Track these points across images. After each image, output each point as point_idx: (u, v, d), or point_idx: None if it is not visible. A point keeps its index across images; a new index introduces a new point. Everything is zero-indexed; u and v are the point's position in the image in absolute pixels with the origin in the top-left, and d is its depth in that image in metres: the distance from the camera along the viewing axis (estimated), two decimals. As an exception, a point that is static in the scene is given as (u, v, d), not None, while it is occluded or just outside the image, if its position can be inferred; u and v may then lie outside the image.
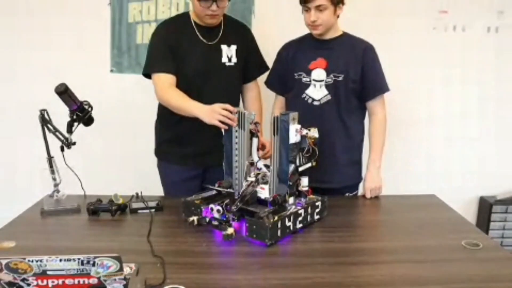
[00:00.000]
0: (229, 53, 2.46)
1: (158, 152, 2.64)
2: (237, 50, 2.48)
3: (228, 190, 2.02)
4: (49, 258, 1.27)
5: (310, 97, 2.51)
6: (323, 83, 2.47)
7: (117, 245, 1.82)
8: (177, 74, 2.38)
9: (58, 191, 2.20)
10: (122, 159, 3.43)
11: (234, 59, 2.48)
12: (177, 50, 2.38)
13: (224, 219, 1.90)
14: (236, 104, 2.46)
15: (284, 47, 2.66)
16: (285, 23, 3.17)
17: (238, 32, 2.52)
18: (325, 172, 2.44)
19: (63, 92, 2.08)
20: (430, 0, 3.35)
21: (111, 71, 3.38)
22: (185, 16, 2.50)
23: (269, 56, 2.69)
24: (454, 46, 3.41)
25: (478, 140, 3.57)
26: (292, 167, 1.98)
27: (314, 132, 2.02)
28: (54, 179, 2.18)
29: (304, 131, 2.00)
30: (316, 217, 2.07)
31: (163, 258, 1.68)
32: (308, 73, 2.50)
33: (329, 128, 2.46)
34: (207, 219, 1.92)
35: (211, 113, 2.07)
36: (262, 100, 2.68)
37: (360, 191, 2.61)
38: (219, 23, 2.46)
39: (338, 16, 2.47)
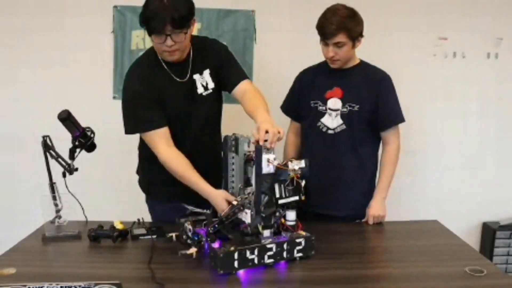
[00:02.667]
0: (203, 82, 2.29)
1: (146, 189, 2.49)
2: (210, 73, 2.30)
3: (204, 211, 1.96)
4: (50, 285, 1.26)
5: (325, 125, 2.51)
6: (338, 112, 2.47)
7: (118, 272, 1.80)
8: (164, 121, 2.22)
9: (59, 217, 2.18)
10: (123, 186, 3.17)
11: (210, 85, 2.31)
12: (154, 95, 2.20)
13: (196, 238, 1.87)
14: (217, 121, 2.40)
15: (301, 74, 2.66)
16: (287, 49, 3.24)
17: (207, 53, 2.29)
18: (336, 201, 2.47)
19: (66, 118, 2.09)
20: (430, 27, 3.39)
21: (114, 97, 3.39)
22: (151, 55, 2.27)
23: (272, 80, 2.71)
24: (454, 72, 3.45)
25: (480, 166, 3.58)
26: (266, 198, 1.90)
27: (297, 164, 1.92)
28: (56, 205, 2.17)
29: (276, 162, 1.88)
30: (298, 254, 1.91)
31: (164, 286, 1.67)
32: (324, 101, 2.50)
33: (343, 158, 2.48)
34: (184, 237, 1.89)
35: (220, 207, 2.03)
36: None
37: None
38: (187, 53, 2.25)
39: (356, 47, 2.47)
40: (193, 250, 1.84)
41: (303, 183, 1.93)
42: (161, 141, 2.18)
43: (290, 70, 2.70)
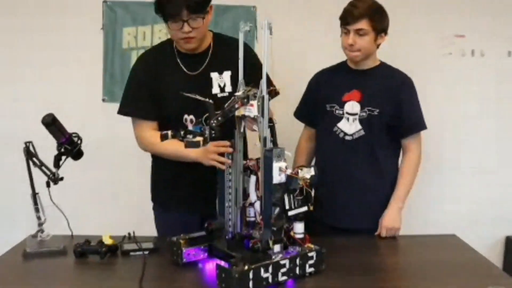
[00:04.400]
0: (221, 82, 2.31)
1: (154, 196, 2.54)
2: (232, 77, 2.31)
3: (206, 100, 1.88)
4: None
5: (342, 131, 2.51)
6: (356, 117, 2.48)
7: (107, 291, 1.78)
8: (159, 115, 2.31)
9: (42, 231, 2.16)
10: (113, 196, 3.40)
11: (228, 88, 2.31)
12: (158, 87, 2.30)
13: (199, 131, 1.83)
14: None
15: (316, 76, 2.67)
16: (291, 48, 3.23)
17: (232, 54, 2.17)
18: (353, 212, 2.48)
19: (51, 123, 2.08)
20: (446, 24, 3.39)
21: (103, 100, 3.38)
22: (167, 43, 2.38)
23: (275, 82, 2.64)
24: (472, 72, 3.44)
25: (502, 172, 3.55)
26: (276, 210, 1.88)
27: (307, 172, 1.91)
28: (39, 217, 2.14)
29: (289, 170, 1.88)
30: (310, 270, 1.90)
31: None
32: (341, 105, 2.51)
33: (361, 165, 2.49)
34: (182, 132, 1.83)
35: (205, 154, 2.07)
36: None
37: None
38: (207, 46, 2.33)
39: (378, 46, 2.49)
40: (199, 138, 1.79)
41: (313, 192, 1.92)
42: (147, 130, 2.29)
43: (294, 71, 2.75)
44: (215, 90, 2.30)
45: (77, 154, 2.17)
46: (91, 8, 3.32)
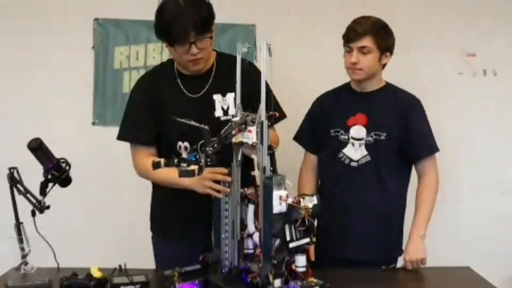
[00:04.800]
0: (224, 104, 2.30)
1: (153, 225, 2.54)
2: (236, 99, 2.20)
3: (202, 126, 1.87)
4: None
5: (347, 157, 2.51)
6: (362, 141, 2.49)
7: (95, 328, 1.73)
8: (160, 141, 2.32)
9: (26, 263, 2.13)
10: (103, 226, 3.38)
11: (232, 111, 2.28)
12: (158, 110, 2.31)
13: (194, 159, 1.81)
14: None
15: (318, 99, 2.67)
16: (291, 68, 3.25)
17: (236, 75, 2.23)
18: (360, 242, 2.48)
19: (37, 148, 2.07)
20: (455, 42, 3.40)
21: (93, 123, 3.38)
22: (168, 65, 2.39)
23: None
24: (485, 92, 3.43)
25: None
26: (277, 242, 1.85)
27: (309, 201, 1.89)
28: (22, 249, 2.12)
29: (290, 200, 1.85)
30: None
31: None
32: (346, 130, 2.51)
33: (367, 193, 2.48)
34: (175, 160, 1.82)
35: (200, 181, 2.05)
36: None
37: (399, 263, 2.58)
38: (209, 67, 2.34)
39: (383, 66, 2.51)
40: (194, 166, 1.79)
41: (315, 222, 1.90)
42: (144, 156, 2.30)
43: (294, 92, 2.79)
44: (218, 113, 2.30)
45: (64, 181, 2.16)
46: (81, 26, 3.33)
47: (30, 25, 3.31)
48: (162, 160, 1.82)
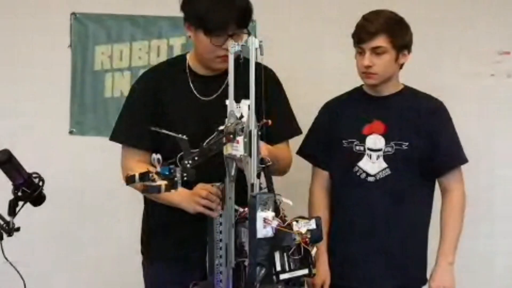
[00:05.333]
0: (237, 112, 2.19)
1: (143, 248, 2.52)
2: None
3: (179, 135, 1.85)
4: None
5: (363, 171, 2.48)
6: (380, 153, 2.46)
7: None
8: (160, 147, 2.21)
9: (-9, 296, 2.14)
10: (82, 251, 3.34)
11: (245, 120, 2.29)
12: (161, 111, 2.32)
13: (167, 173, 1.78)
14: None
15: (327, 106, 2.64)
16: (295, 67, 3.21)
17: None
18: (379, 270, 2.45)
19: (6, 161, 2.05)
20: (484, 39, 3.32)
21: (71, 132, 3.35)
22: (179, 61, 2.40)
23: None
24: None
25: None
26: (262, 271, 1.81)
27: (304, 225, 1.85)
28: (-14, 278, 2.12)
29: (275, 222, 1.80)
30: None
31: None
32: (362, 139, 2.48)
33: (386, 213, 2.46)
34: (151, 175, 1.78)
35: (192, 198, 2.07)
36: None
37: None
38: (226, 68, 2.29)
39: (401, 67, 2.48)
40: (162, 182, 1.76)
41: (313, 251, 1.86)
42: (134, 161, 2.29)
43: (297, 97, 2.65)
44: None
45: (37, 198, 2.13)
46: (56, 22, 3.31)
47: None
48: (137, 174, 1.79)
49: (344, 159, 2.52)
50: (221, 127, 1.93)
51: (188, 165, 1.79)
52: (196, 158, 1.80)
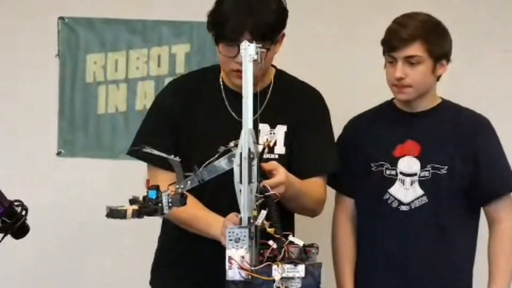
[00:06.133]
0: (271, 138, 2.29)
1: (154, 278, 2.52)
2: (287, 134, 2.29)
3: (172, 157, 1.87)
4: None
5: (395, 199, 2.44)
6: (415, 178, 2.42)
7: None
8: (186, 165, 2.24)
9: None
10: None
11: (279, 149, 2.29)
12: (191, 130, 2.31)
13: (154, 198, 1.79)
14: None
15: (352, 123, 2.62)
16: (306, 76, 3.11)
17: (295, 103, 2.32)
18: None
19: None
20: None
21: (59, 154, 3.35)
22: (213, 72, 2.39)
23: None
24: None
25: None
26: None
27: (291, 271, 1.75)
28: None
29: (246, 263, 1.75)
30: None
31: None
32: (393, 162, 2.45)
33: (423, 248, 2.42)
34: (141, 197, 1.80)
35: (222, 231, 2.03)
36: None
37: None
38: (265, 86, 2.31)
39: (438, 78, 2.45)
40: (130, 207, 1.76)
41: None
42: (163, 183, 2.22)
43: None
44: (261, 147, 2.25)
45: (19, 230, 2.09)
46: (41, 27, 3.32)
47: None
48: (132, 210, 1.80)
49: (372, 185, 2.48)
50: (222, 148, 1.92)
51: (180, 190, 1.79)
52: (189, 182, 1.81)
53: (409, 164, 2.43)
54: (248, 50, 1.82)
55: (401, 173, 2.43)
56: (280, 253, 1.79)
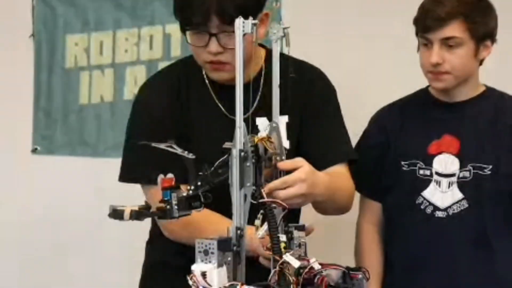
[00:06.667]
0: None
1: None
2: (291, 125, 2.16)
3: (186, 153, 1.84)
4: None
5: (430, 203, 2.38)
6: (454, 179, 2.37)
7: None
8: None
9: None
10: None
11: (284, 143, 2.25)
12: (181, 131, 2.26)
13: (168, 197, 1.74)
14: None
15: (379, 115, 2.58)
16: (327, 59, 2.95)
17: (296, 88, 2.20)
18: None
19: None
20: None
21: (34, 151, 3.32)
22: (194, 64, 2.35)
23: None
24: None
25: None
26: None
27: None
28: None
29: (214, 281, 1.69)
30: None
31: None
32: (428, 161, 2.40)
33: (463, 261, 2.38)
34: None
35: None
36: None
37: None
38: (256, 74, 2.26)
39: (481, 63, 2.39)
40: (128, 207, 1.71)
41: None
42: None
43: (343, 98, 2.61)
44: None
45: None
46: (13, 5, 3.31)
47: None
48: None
49: (403, 186, 2.45)
50: (228, 144, 1.85)
51: (191, 192, 1.75)
52: (199, 184, 1.76)
53: (446, 163, 2.39)
54: (278, 31, 1.77)
55: (436, 173, 2.40)
56: (280, 278, 1.74)
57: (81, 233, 3.24)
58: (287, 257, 1.73)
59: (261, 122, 2.07)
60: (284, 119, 2.09)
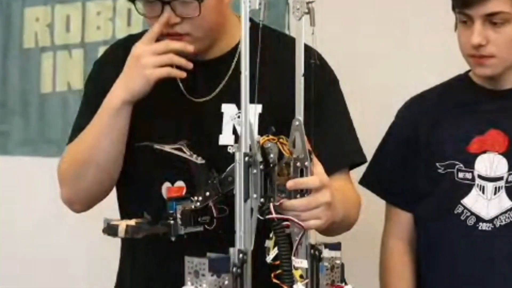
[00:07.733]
0: (238, 124, 2.20)
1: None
2: (263, 115, 2.15)
3: (195, 158, 1.89)
4: None
5: (472, 213, 2.34)
6: (501, 183, 2.33)
7: None
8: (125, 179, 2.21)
9: None
10: None
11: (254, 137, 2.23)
12: (135, 116, 2.21)
13: (173, 210, 1.80)
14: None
15: (409, 106, 2.54)
16: (338, 42, 3.05)
17: (277, 68, 2.14)
18: None
19: None
20: None
21: None
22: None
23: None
24: None
25: None
26: None
27: None
28: None
29: None
30: None
31: None
32: (469, 161, 2.36)
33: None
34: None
35: (141, 68, 2.03)
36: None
37: None
38: (229, 50, 2.23)
39: None
40: (123, 221, 1.76)
41: None
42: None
43: (356, 90, 2.67)
44: (226, 138, 2.19)
45: None
46: None
47: None
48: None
49: (439, 193, 2.40)
50: (231, 148, 1.88)
51: (199, 204, 1.78)
52: (207, 194, 1.78)
53: (491, 163, 2.37)
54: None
55: (479, 176, 2.36)
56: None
57: (44, 251, 3.28)
58: (298, 286, 1.70)
59: (227, 109, 2.17)
60: (258, 107, 2.07)
